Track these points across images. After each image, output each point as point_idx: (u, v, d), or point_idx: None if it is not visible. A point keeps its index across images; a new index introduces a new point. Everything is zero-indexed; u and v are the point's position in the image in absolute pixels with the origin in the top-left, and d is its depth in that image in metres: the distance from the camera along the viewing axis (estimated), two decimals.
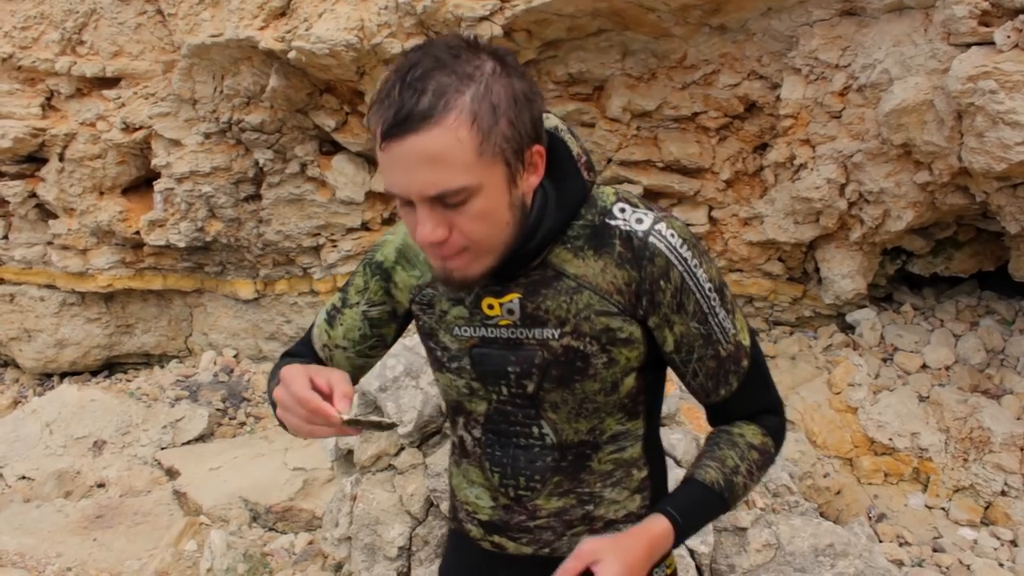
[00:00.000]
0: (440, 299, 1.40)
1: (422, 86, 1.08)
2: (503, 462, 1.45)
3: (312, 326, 1.61)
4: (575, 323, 1.30)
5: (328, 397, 1.19)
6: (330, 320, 1.55)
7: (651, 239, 1.28)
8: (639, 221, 1.30)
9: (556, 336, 1.31)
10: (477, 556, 1.56)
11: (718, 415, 1.45)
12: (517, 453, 1.43)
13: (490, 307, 1.34)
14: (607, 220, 1.31)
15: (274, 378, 1.46)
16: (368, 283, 1.50)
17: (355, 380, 1.58)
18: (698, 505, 1.34)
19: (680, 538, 1.31)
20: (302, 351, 1.60)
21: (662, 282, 1.28)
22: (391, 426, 1.19)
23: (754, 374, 1.40)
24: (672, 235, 1.30)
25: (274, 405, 1.29)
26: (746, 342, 1.39)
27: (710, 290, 1.32)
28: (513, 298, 1.32)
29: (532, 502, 1.44)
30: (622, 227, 1.30)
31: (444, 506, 3.23)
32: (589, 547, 1.21)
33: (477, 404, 1.45)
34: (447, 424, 1.67)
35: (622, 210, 1.32)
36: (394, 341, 1.58)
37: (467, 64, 1.11)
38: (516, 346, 1.34)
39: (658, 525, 1.28)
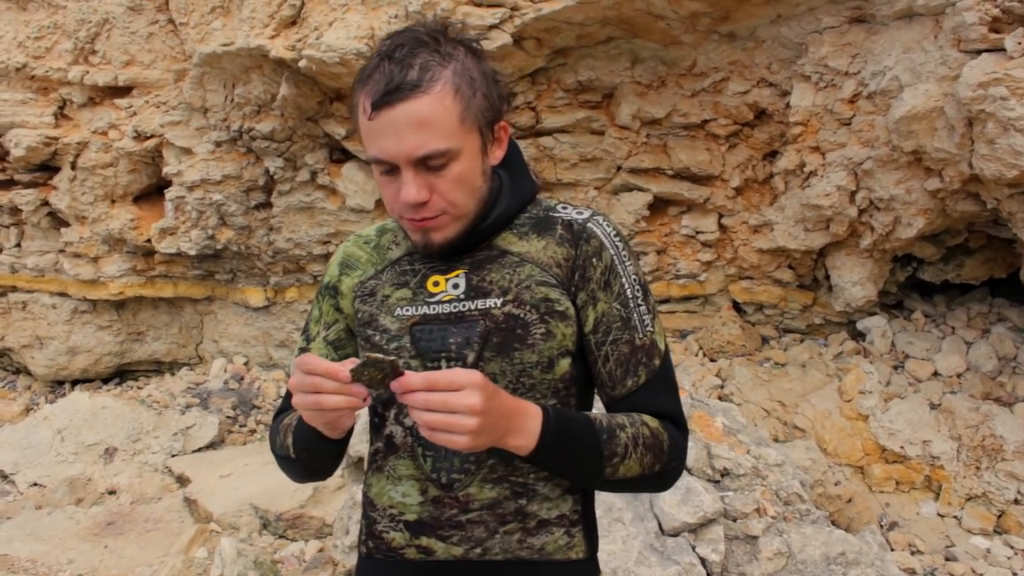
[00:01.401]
0: (383, 286, 1.48)
1: (409, 61, 1.24)
2: (436, 444, 1.41)
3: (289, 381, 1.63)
4: (517, 291, 1.38)
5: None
6: None
7: (589, 224, 1.44)
8: (579, 213, 1.47)
9: (499, 304, 1.38)
10: (398, 573, 1.47)
11: (621, 411, 1.44)
12: None
13: (435, 284, 1.42)
14: (551, 213, 1.47)
15: (276, 432, 1.55)
16: (322, 308, 1.58)
17: None
18: (575, 425, 1.31)
19: (545, 436, 1.26)
20: (289, 405, 1.60)
21: (595, 259, 1.41)
22: (393, 364, 1.17)
23: (663, 376, 1.43)
24: (608, 226, 1.45)
25: (286, 454, 1.47)
26: (661, 345, 1.44)
27: (636, 281, 1.43)
28: (459, 273, 1.42)
29: (464, 490, 1.40)
30: (564, 217, 1.46)
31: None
32: (467, 375, 1.17)
33: None
34: (369, 435, 1.60)
35: (564, 207, 1.49)
36: None
37: (446, 45, 1.28)
38: (458, 319, 1.39)
39: (533, 408, 1.28)
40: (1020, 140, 4.30)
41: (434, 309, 1.41)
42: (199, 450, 6.53)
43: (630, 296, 1.42)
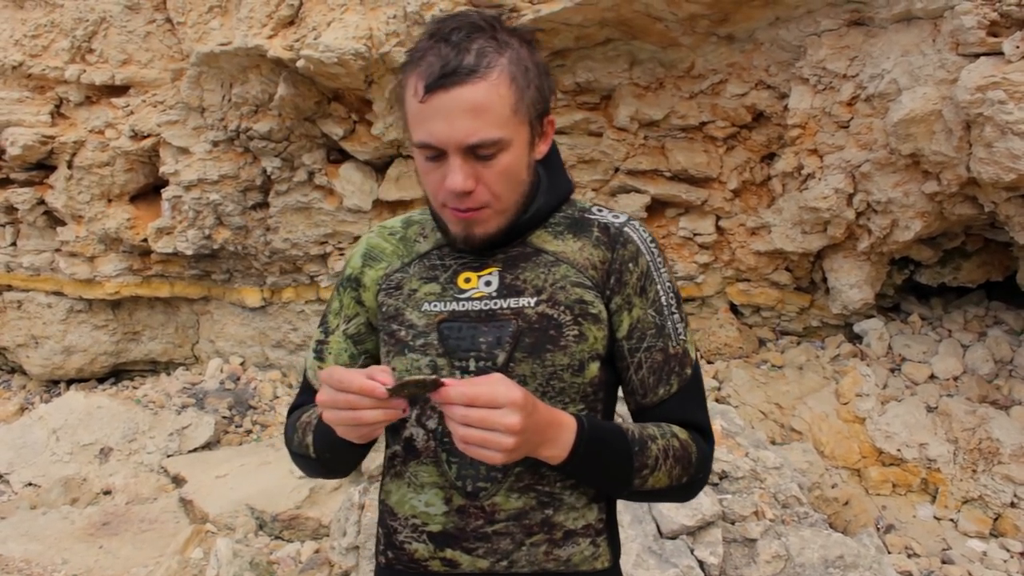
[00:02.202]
0: (410, 279, 1.44)
1: (466, 46, 1.20)
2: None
3: (304, 374, 1.60)
4: (551, 292, 1.36)
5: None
6: (319, 355, 1.56)
7: (626, 228, 1.42)
8: (615, 216, 1.45)
9: (532, 304, 1.35)
10: None
11: (651, 421, 1.42)
12: None
13: (467, 280, 1.39)
14: (586, 215, 1.45)
15: (293, 430, 1.51)
16: (342, 300, 1.54)
17: None
18: (608, 436, 1.29)
19: (577, 447, 1.24)
20: (305, 400, 1.59)
21: (631, 264, 1.39)
22: (435, 383, 1.13)
23: (694, 386, 1.42)
24: (644, 231, 1.44)
25: (305, 453, 1.42)
26: (692, 355, 1.42)
27: (670, 289, 1.42)
28: (493, 271, 1.39)
29: (490, 499, 1.36)
30: (600, 219, 1.44)
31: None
32: (507, 392, 1.14)
33: None
34: (387, 437, 1.56)
35: (599, 209, 1.47)
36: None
37: (501, 33, 1.25)
38: (489, 317, 1.36)
39: (568, 420, 1.26)
40: (1018, 144, 4.31)
41: (463, 306, 1.38)
42: (195, 450, 6.52)
43: (664, 304, 1.40)
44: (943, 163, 4.87)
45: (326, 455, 1.41)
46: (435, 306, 1.39)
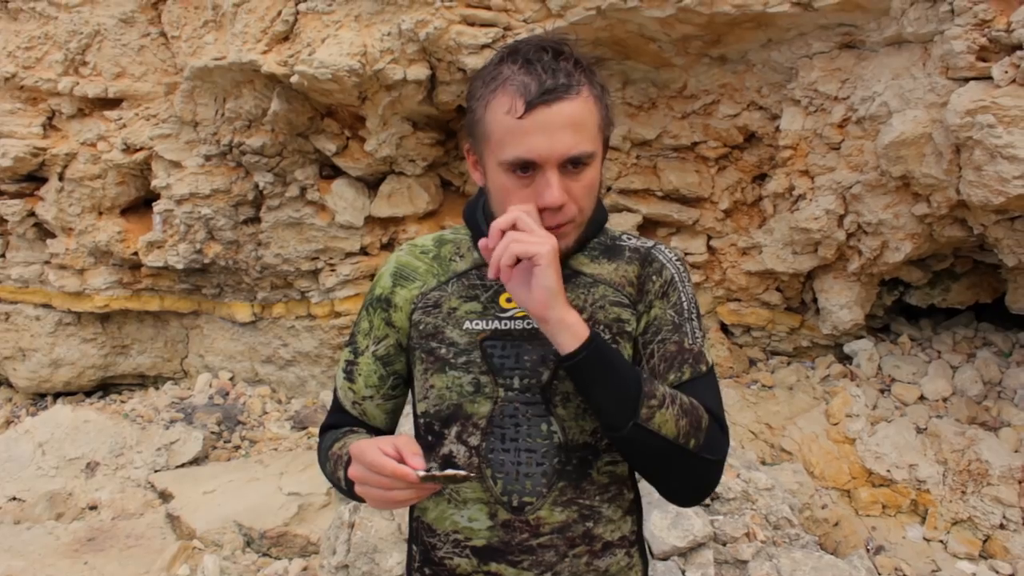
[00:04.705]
0: (449, 298, 1.46)
1: (556, 67, 1.28)
2: (507, 467, 1.40)
3: (335, 393, 1.63)
4: (591, 311, 1.41)
5: (400, 462, 1.21)
6: (349, 376, 1.58)
7: (654, 251, 1.51)
8: (643, 242, 1.54)
9: None
10: None
11: None
12: (523, 456, 1.40)
13: (508, 300, 1.42)
14: (617, 242, 1.53)
15: (325, 458, 1.51)
16: (372, 320, 1.55)
17: (393, 425, 1.63)
18: (617, 353, 1.30)
19: (592, 340, 1.26)
20: (338, 420, 1.61)
21: (655, 276, 1.46)
22: (467, 478, 1.19)
23: (709, 382, 1.42)
24: (672, 253, 1.52)
25: (338, 484, 1.42)
26: (710, 360, 1.44)
27: (693, 302, 1.47)
28: None
29: (535, 513, 1.39)
30: (630, 244, 1.52)
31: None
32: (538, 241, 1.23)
33: (480, 404, 1.41)
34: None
35: (629, 237, 1.55)
36: (412, 376, 1.58)
37: (580, 58, 1.34)
38: (532, 336, 1.39)
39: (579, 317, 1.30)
40: (1006, 167, 4.34)
41: (506, 325, 1.41)
42: (183, 465, 6.46)
43: (685, 308, 1.45)
44: (933, 186, 4.90)
45: (359, 498, 1.41)
46: (476, 324, 1.42)
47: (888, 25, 4.84)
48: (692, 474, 1.36)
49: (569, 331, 1.25)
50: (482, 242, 1.29)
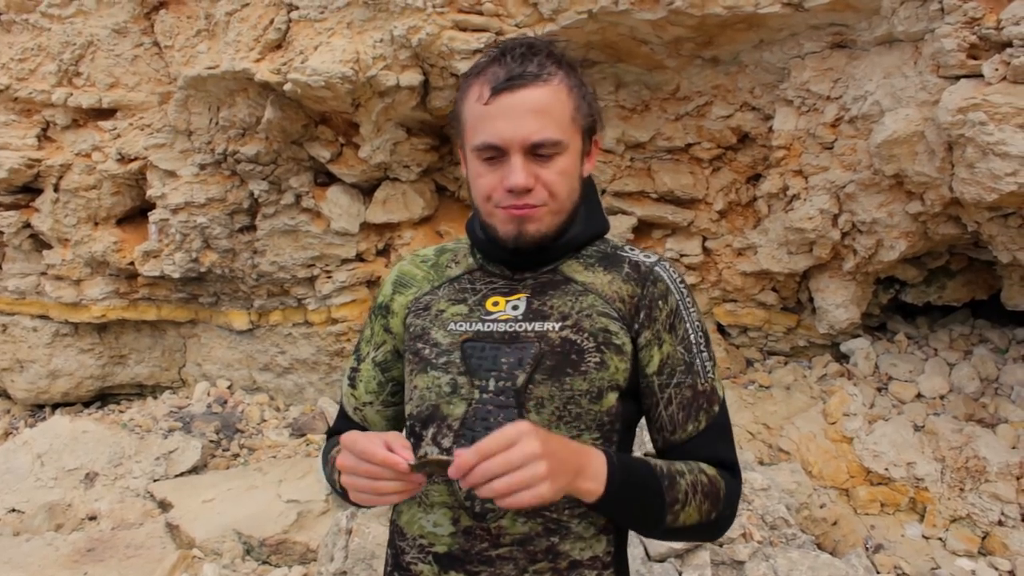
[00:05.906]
0: (439, 301, 1.48)
1: (527, 58, 1.32)
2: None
3: (340, 400, 1.66)
4: (576, 319, 1.39)
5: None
6: (352, 382, 1.62)
7: (656, 268, 1.47)
8: (647, 256, 1.50)
9: (556, 328, 1.39)
10: None
11: (678, 458, 1.41)
12: None
13: (495, 304, 1.43)
14: (618, 252, 1.51)
15: (326, 461, 1.53)
16: (373, 328, 1.59)
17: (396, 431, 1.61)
18: (639, 469, 1.28)
19: (612, 479, 1.21)
20: (342, 426, 1.63)
21: (660, 302, 1.43)
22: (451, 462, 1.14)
23: (722, 423, 1.43)
24: (674, 271, 1.49)
25: (335, 486, 1.40)
26: (720, 393, 1.44)
27: (698, 327, 1.45)
28: (521, 296, 1.43)
29: (496, 522, 1.35)
30: (631, 257, 1.49)
31: None
32: (514, 427, 1.10)
33: (456, 406, 1.39)
34: None
35: (631, 249, 1.53)
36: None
37: (556, 53, 1.37)
38: (512, 339, 1.39)
39: (595, 451, 1.24)
40: (999, 164, 4.35)
41: (488, 327, 1.41)
42: (182, 475, 6.46)
43: (693, 341, 1.43)
44: (926, 184, 4.91)
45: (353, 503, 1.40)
46: (460, 326, 1.43)
47: (879, 24, 4.86)
48: (712, 531, 1.41)
49: (589, 479, 1.20)
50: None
